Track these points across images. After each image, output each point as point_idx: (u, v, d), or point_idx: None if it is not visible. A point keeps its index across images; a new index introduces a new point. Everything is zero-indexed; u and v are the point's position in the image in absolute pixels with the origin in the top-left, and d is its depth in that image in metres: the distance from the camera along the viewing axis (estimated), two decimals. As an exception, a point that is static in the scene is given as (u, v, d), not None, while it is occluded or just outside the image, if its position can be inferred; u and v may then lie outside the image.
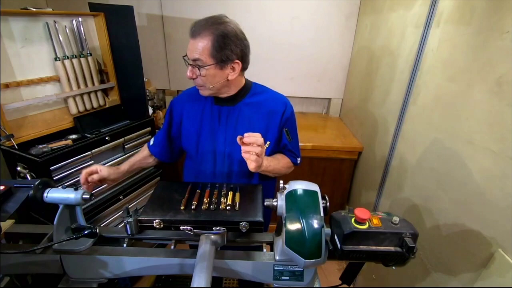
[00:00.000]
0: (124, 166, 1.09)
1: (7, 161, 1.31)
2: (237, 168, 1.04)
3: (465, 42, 0.96)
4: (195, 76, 0.92)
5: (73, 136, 1.44)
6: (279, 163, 1.03)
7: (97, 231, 0.76)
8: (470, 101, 0.93)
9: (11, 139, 1.21)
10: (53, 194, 0.74)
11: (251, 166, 0.84)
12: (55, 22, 1.31)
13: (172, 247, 0.82)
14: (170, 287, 1.86)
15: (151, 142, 1.16)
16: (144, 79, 1.69)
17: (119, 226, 1.27)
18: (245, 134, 0.81)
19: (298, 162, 1.11)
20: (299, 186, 0.73)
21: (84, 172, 0.96)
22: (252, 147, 0.81)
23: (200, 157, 1.06)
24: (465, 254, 0.92)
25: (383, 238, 0.64)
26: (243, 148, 0.82)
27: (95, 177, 0.97)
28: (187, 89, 1.12)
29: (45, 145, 1.29)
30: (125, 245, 0.83)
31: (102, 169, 0.99)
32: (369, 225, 0.64)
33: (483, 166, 0.86)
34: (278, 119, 1.02)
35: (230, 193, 0.84)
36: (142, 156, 1.15)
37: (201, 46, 0.87)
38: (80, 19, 1.40)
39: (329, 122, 2.34)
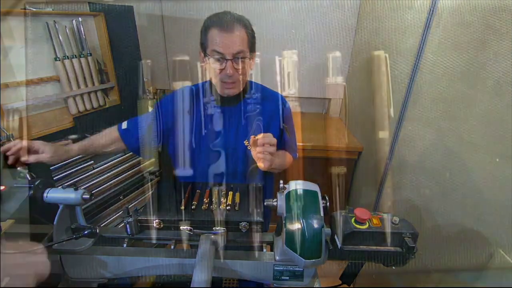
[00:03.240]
0: (74, 150, 0.97)
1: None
2: (241, 168, 1.05)
3: (465, 42, 0.96)
4: (237, 71, 0.90)
5: (73, 136, 1.44)
6: (283, 159, 1.04)
7: (97, 231, 0.76)
8: (470, 101, 0.92)
9: (11, 139, 1.21)
10: (53, 194, 0.75)
11: (265, 165, 0.84)
12: (55, 22, 1.31)
13: (172, 247, 0.82)
14: (170, 287, 1.86)
15: (124, 126, 1.05)
16: (144, 79, 1.69)
17: (119, 226, 1.27)
18: (259, 135, 0.82)
19: (297, 156, 1.13)
20: (299, 186, 0.73)
21: (17, 147, 0.80)
22: (266, 147, 0.82)
23: (203, 160, 1.05)
24: (465, 254, 0.92)
25: (383, 238, 0.64)
26: (258, 148, 0.83)
27: (31, 159, 0.83)
28: (176, 92, 1.06)
29: (45, 145, 1.29)
30: (125, 245, 0.83)
31: (45, 151, 0.84)
32: (369, 225, 0.64)
33: (483, 166, 0.86)
34: (278, 118, 1.04)
35: (230, 193, 0.83)
36: (106, 141, 1.04)
37: (241, 38, 0.88)
38: (80, 19, 1.40)
39: (329, 122, 2.34)
